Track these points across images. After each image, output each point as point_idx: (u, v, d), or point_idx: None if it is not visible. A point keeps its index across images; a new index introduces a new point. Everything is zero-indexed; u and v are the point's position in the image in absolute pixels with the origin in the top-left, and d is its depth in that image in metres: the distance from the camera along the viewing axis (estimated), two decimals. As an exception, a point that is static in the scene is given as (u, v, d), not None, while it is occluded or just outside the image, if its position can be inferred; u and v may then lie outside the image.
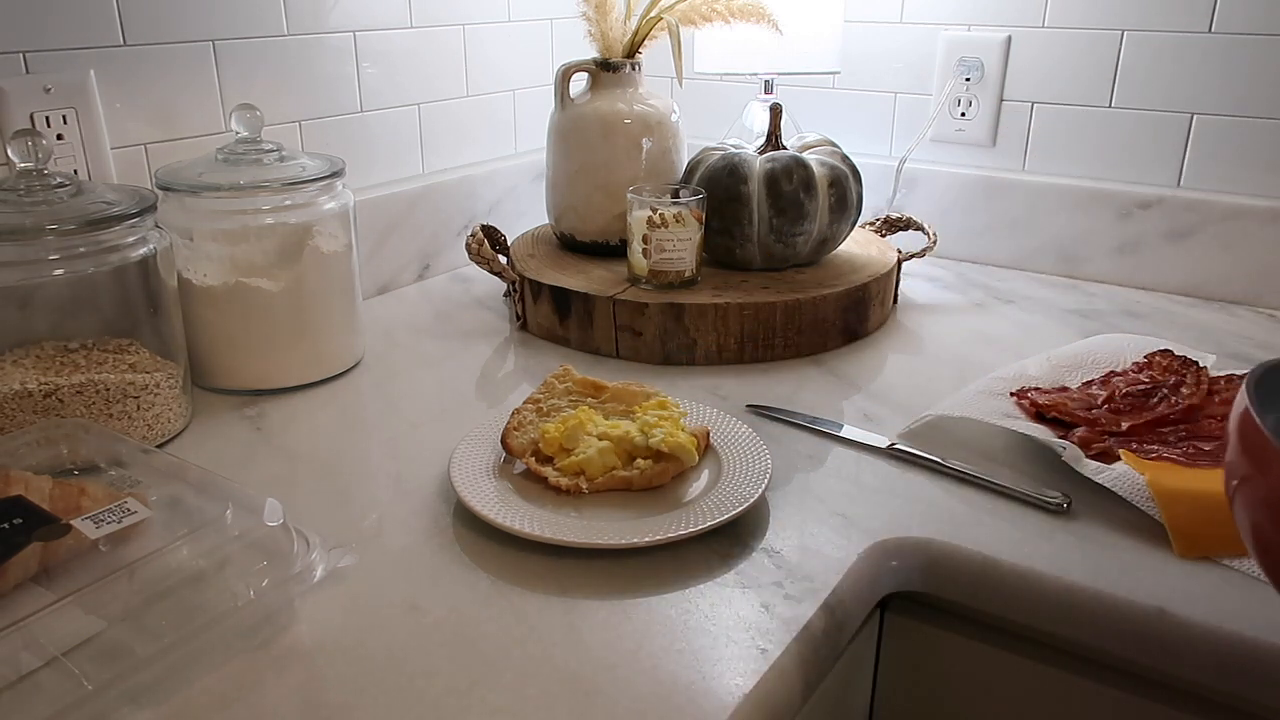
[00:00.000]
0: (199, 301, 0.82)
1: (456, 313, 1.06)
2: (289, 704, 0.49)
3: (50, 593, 0.54)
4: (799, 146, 1.01)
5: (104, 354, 0.74)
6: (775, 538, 0.64)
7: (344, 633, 0.54)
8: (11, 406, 0.69)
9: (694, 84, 1.33)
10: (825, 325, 0.93)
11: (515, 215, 1.25)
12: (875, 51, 1.25)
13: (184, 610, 0.52)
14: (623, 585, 0.59)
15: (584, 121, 1.03)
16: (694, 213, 0.93)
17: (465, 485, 0.66)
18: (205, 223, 0.81)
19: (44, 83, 0.80)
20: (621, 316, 0.91)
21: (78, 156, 0.84)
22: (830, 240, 0.99)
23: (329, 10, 1.02)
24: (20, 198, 0.69)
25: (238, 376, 0.84)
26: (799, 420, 0.79)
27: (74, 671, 0.47)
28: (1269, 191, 1.05)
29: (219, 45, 0.93)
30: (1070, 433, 0.72)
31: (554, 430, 0.70)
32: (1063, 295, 1.11)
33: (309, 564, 0.55)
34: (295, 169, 0.83)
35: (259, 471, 0.72)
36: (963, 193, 1.20)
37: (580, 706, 0.49)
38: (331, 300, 0.86)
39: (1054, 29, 1.13)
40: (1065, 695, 0.63)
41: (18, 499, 0.57)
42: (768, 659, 0.52)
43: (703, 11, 1.03)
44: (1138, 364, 0.83)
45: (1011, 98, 1.17)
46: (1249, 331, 1.00)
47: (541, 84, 1.28)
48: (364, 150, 1.10)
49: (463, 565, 0.61)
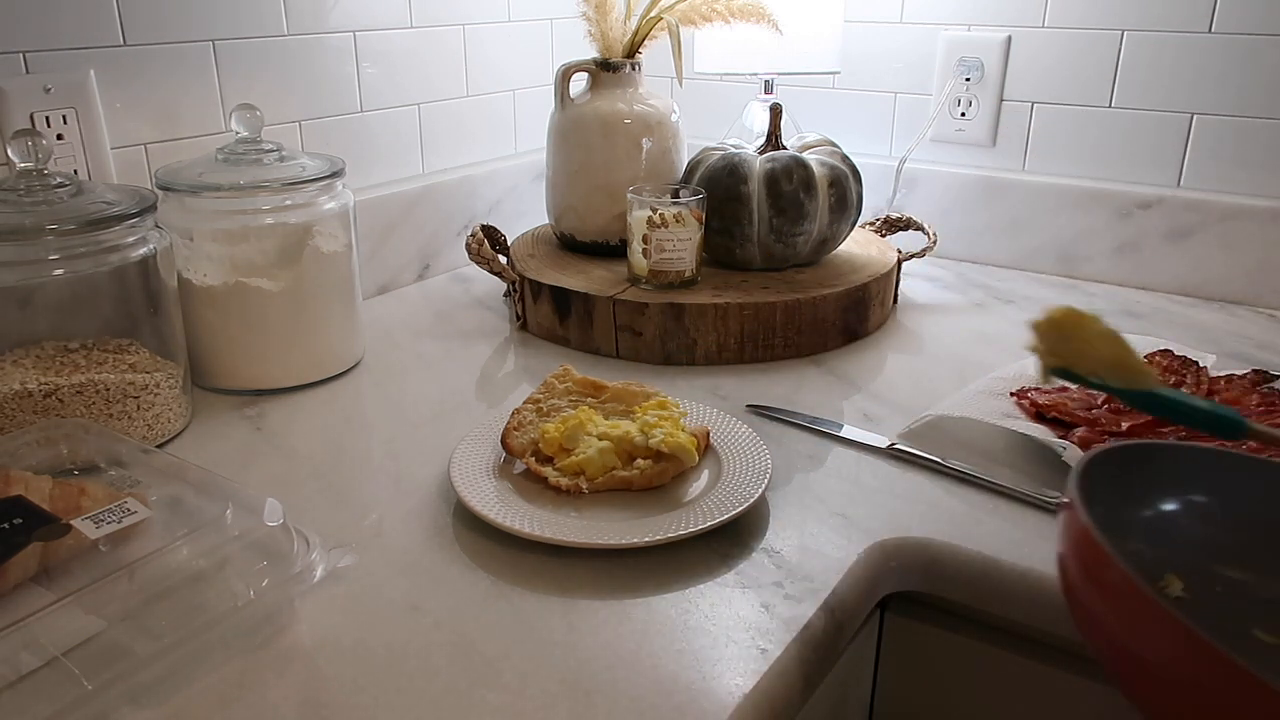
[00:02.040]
0: (199, 301, 0.82)
1: (456, 313, 1.06)
2: (289, 704, 0.49)
3: (50, 593, 0.54)
4: (799, 146, 1.01)
5: (104, 354, 0.74)
6: (775, 538, 0.64)
7: (344, 633, 0.54)
8: (11, 406, 0.69)
9: (694, 84, 1.33)
10: (825, 325, 0.93)
11: (515, 215, 1.25)
12: (875, 51, 1.25)
13: (184, 610, 0.52)
14: (623, 585, 0.59)
15: (584, 121, 1.03)
16: (694, 213, 0.93)
17: (465, 485, 0.66)
18: (205, 223, 0.81)
19: (44, 83, 0.80)
20: (621, 316, 0.91)
21: (78, 156, 0.84)
22: (830, 240, 0.99)
23: (329, 10, 1.02)
24: (20, 198, 0.69)
25: (238, 376, 0.84)
26: (799, 420, 0.79)
27: (74, 671, 0.47)
28: (1269, 191, 1.05)
29: (219, 45, 0.93)
30: (1070, 433, 0.72)
31: (554, 430, 0.70)
32: (1063, 295, 1.11)
33: (309, 564, 0.55)
34: (295, 169, 0.83)
35: (259, 471, 0.72)
36: (963, 193, 1.20)
37: (580, 706, 0.49)
38: (331, 300, 0.86)
39: (1054, 29, 1.13)
40: (1065, 695, 0.63)
41: (18, 499, 0.57)
42: (768, 659, 0.52)
43: (703, 11, 1.03)
44: (1138, 364, 0.82)
45: (1011, 98, 1.17)
46: (1249, 331, 1.00)
47: (541, 84, 1.28)
48: (364, 150, 1.10)
49: (463, 565, 0.61)
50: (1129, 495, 0.52)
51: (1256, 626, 0.50)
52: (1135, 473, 0.52)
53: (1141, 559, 0.51)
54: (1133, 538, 0.51)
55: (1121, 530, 0.50)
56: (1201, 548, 0.53)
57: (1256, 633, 0.50)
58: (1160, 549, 0.52)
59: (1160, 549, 0.52)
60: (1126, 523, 0.51)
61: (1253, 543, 0.53)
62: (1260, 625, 0.50)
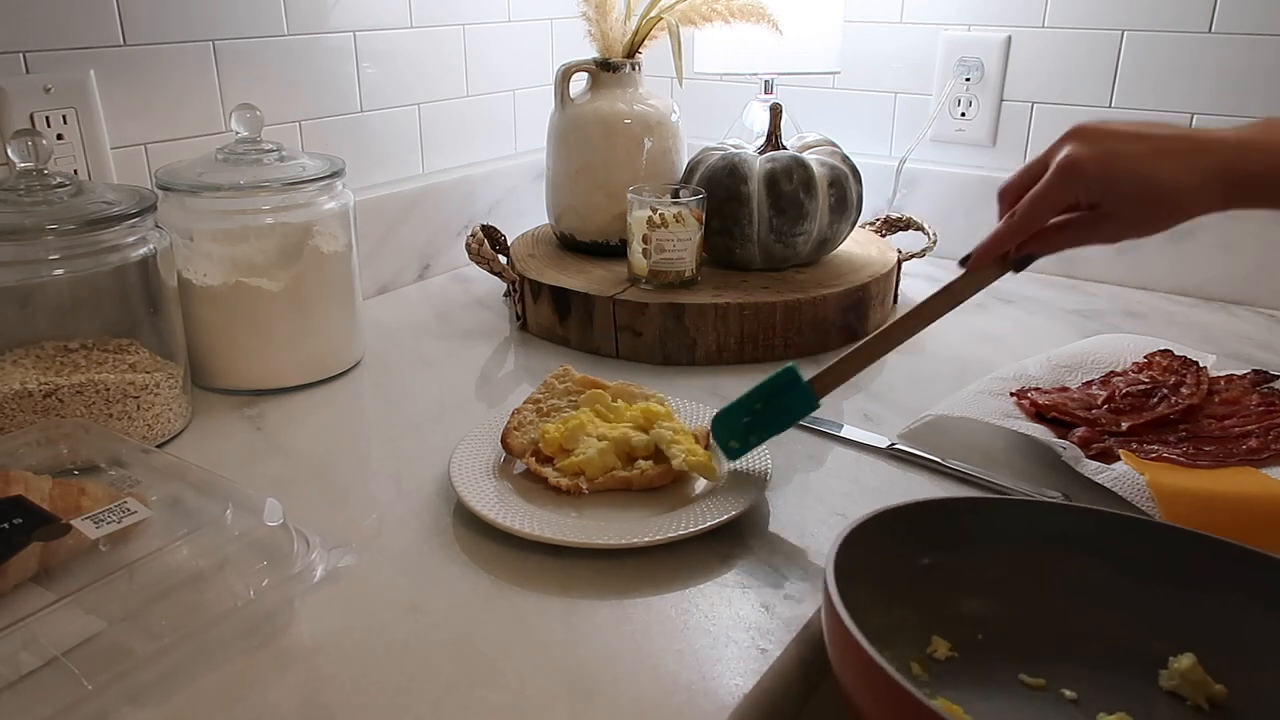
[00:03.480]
0: (199, 301, 0.82)
1: (456, 313, 1.06)
2: (289, 704, 0.49)
3: (50, 593, 0.54)
4: (799, 146, 1.01)
5: (104, 354, 0.74)
6: (775, 538, 0.64)
7: (344, 633, 0.54)
8: (11, 406, 0.69)
9: (694, 84, 1.32)
10: (825, 325, 0.93)
11: (515, 215, 1.25)
12: (875, 51, 1.25)
13: (184, 610, 0.52)
14: (623, 585, 0.59)
15: (584, 122, 1.03)
16: (694, 213, 0.93)
17: (465, 485, 0.66)
18: (205, 223, 0.81)
19: (44, 83, 0.80)
20: (621, 316, 0.91)
21: (78, 156, 0.84)
22: (830, 240, 0.99)
23: (329, 10, 1.02)
24: (20, 198, 0.69)
25: (238, 376, 0.84)
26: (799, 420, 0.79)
27: (74, 671, 0.47)
28: (1269, 191, 1.05)
29: (219, 45, 0.93)
30: (1070, 433, 0.72)
31: (554, 430, 0.70)
32: (1063, 295, 1.11)
33: (309, 564, 0.55)
34: (295, 169, 0.83)
35: (259, 471, 0.72)
36: (963, 193, 1.20)
37: (580, 706, 0.49)
38: (331, 300, 0.86)
39: (1054, 29, 1.13)
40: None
41: (18, 499, 0.57)
42: (768, 659, 0.52)
43: (703, 11, 1.03)
44: (1138, 364, 0.83)
45: (1011, 98, 1.17)
46: (1249, 331, 1.00)
47: (541, 84, 1.28)
48: (364, 150, 1.10)
49: (463, 565, 0.61)
50: (893, 561, 0.53)
51: (1022, 670, 0.52)
52: (894, 536, 0.53)
53: (908, 625, 0.53)
54: (898, 604, 0.53)
55: (886, 598, 0.52)
56: (958, 597, 0.54)
57: (1022, 677, 0.52)
58: (923, 609, 0.54)
59: (923, 609, 0.54)
60: (891, 590, 0.53)
61: (1003, 580, 0.55)
62: (1025, 669, 0.52)
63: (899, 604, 0.53)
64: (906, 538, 0.54)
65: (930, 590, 0.54)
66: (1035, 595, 0.54)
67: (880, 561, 0.52)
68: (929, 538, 0.54)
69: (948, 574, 0.54)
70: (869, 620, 0.45)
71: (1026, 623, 0.54)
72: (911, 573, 0.54)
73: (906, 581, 0.54)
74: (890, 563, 0.53)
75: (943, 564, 0.54)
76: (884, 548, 0.52)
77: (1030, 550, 0.55)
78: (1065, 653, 0.53)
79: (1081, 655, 0.52)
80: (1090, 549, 0.54)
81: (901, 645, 0.52)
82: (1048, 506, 0.57)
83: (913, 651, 0.53)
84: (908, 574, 0.54)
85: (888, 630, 0.51)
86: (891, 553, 0.53)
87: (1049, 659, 0.52)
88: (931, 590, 0.54)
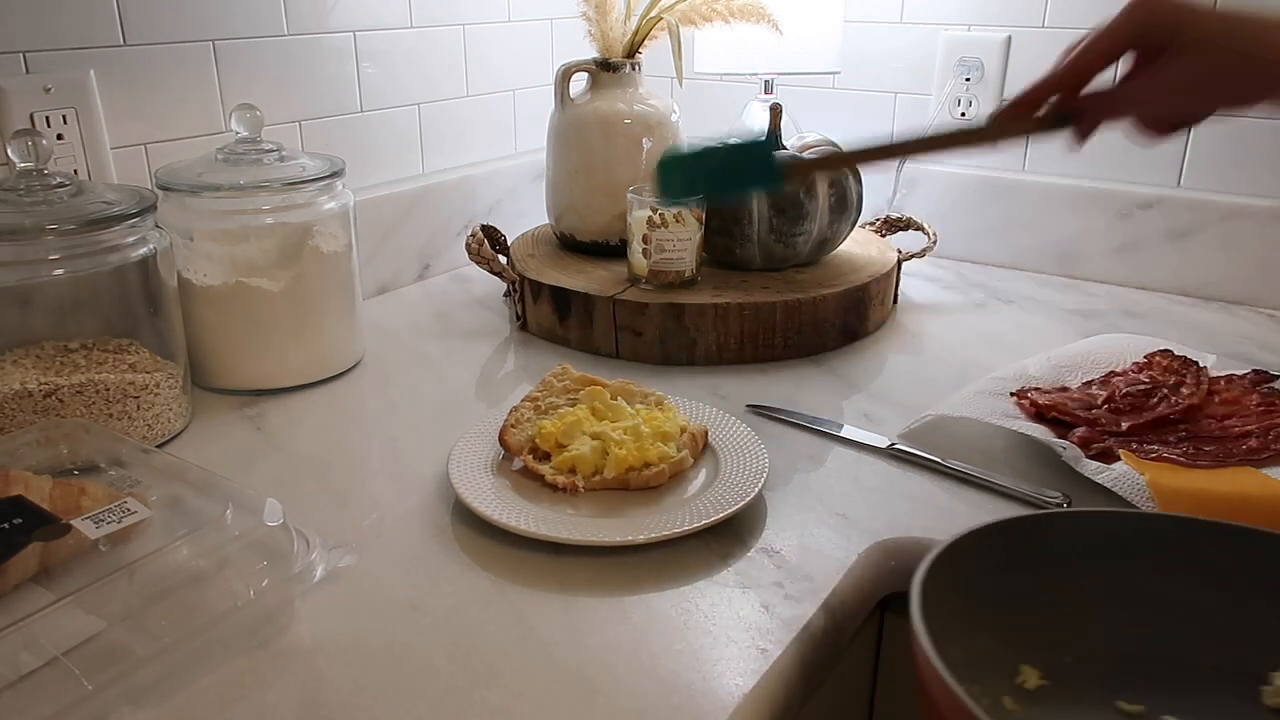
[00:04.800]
0: (199, 301, 0.82)
1: (456, 313, 1.06)
2: (289, 704, 0.49)
3: (50, 593, 0.54)
4: (799, 146, 1.01)
5: (104, 354, 0.74)
6: (775, 538, 0.64)
7: (344, 633, 0.54)
8: (11, 406, 0.69)
9: (694, 84, 1.32)
10: (825, 325, 0.93)
11: (515, 215, 1.25)
12: (875, 51, 1.25)
13: (184, 610, 0.52)
14: (622, 584, 0.59)
15: (584, 121, 1.03)
16: (694, 213, 0.93)
17: (463, 481, 0.66)
18: (205, 223, 0.81)
19: (44, 83, 0.80)
20: (621, 316, 0.91)
21: (78, 156, 0.84)
22: (830, 240, 0.99)
23: (329, 10, 1.02)
24: (20, 198, 0.69)
25: (238, 376, 0.84)
26: (799, 420, 0.79)
27: (74, 671, 0.47)
28: (1269, 191, 1.05)
29: (219, 45, 0.93)
30: (1070, 433, 0.72)
31: (550, 425, 0.70)
32: (1063, 295, 1.11)
33: (309, 564, 0.55)
34: (295, 169, 0.83)
35: (259, 471, 0.72)
36: (963, 193, 1.20)
37: (580, 706, 0.49)
38: (331, 300, 0.86)
39: (1054, 29, 1.13)
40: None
41: (18, 499, 0.57)
42: (768, 659, 0.52)
43: (703, 11, 1.03)
44: (1138, 364, 0.83)
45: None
46: (1249, 331, 1.00)
47: (541, 84, 1.28)
48: (364, 150, 1.10)
49: (462, 565, 0.61)
50: (971, 588, 0.50)
51: (1118, 697, 0.49)
52: (971, 562, 0.50)
53: (992, 655, 0.50)
54: (980, 633, 0.50)
55: (967, 631, 0.49)
56: (1040, 619, 0.52)
57: (1120, 704, 0.49)
58: (1007, 636, 0.51)
59: (1007, 636, 0.51)
60: (972, 619, 0.50)
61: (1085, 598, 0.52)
62: (1120, 695, 0.49)
63: (981, 633, 0.50)
64: (983, 563, 0.51)
65: (1012, 615, 0.51)
66: (1120, 612, 0.52)
67: (958, 591, 0.49)
68: (1006, 561, 0.52)
69: (1028, 596, 0.52)
70: (950, 653, 0.42)
71: (1114, 642, 0.51)
72: (993, 599, 0.51)
73: (989, 608, 0.51)
74: (969, 591, 0.50)
75: (1023, 586, 0.52)
76: (961, 576, 0.49)
77: (1110, 563, 0.52)
78: (1159, 673, 0.50)
79: (1176, 675, 0.50)
80: (1175, 558, 0.52)
81: (990, 679, 0.49)
82: (1124, 516, 0.54)
83: (1003, 685, 0.50)
84: (989, 600, 0.51)
85: (972, 663, 0.47)
86: (969, 580, 0.50)
87: (1141, 680, 0.49)
88: (1013, 615, 0.51)
